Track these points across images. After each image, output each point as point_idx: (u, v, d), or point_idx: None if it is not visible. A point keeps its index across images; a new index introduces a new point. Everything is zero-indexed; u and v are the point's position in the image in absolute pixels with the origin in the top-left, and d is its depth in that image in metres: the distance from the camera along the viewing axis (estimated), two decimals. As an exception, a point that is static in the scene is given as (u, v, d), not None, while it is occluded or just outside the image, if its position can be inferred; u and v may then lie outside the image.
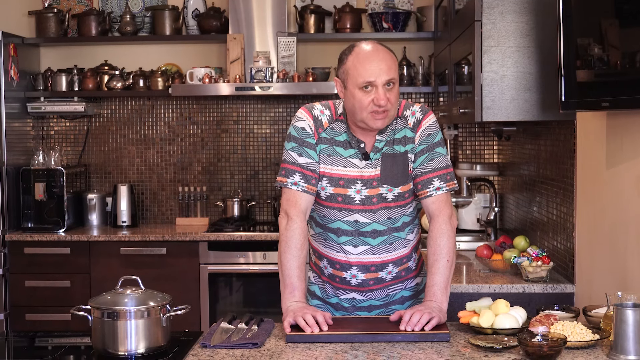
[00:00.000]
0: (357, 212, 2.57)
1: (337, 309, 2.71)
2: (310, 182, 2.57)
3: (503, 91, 3.22)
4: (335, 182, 2.57)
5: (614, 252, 2.71)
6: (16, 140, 5.11)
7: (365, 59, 2.46)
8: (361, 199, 2.56)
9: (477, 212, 4.68)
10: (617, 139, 2.66)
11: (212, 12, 5.24)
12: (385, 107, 2.45)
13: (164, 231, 4.99)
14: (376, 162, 2.56)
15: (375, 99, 2.44)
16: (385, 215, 2.58)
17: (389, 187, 2.55)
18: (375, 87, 2.45)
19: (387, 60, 2.47)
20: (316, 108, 2.61)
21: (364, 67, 2.45)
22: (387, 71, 2.45)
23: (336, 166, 2.57)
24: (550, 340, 2.17)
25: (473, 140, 5.23)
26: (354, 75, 2.46)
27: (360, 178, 2.56)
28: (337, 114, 2.61)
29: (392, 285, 2.67)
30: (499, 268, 3.45)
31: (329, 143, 2.58)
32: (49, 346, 2.65)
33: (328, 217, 2.61)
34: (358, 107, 2.47)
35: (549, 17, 3.13)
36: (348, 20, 5.16)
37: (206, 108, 5.46)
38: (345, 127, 2.58)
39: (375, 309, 2.69)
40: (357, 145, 2.56)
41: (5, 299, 4.86)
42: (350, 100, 2.49)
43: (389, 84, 2.46)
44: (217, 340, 2.34)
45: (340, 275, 2.65)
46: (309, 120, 2.59)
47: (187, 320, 4.13)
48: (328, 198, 2.58)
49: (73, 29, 5.41)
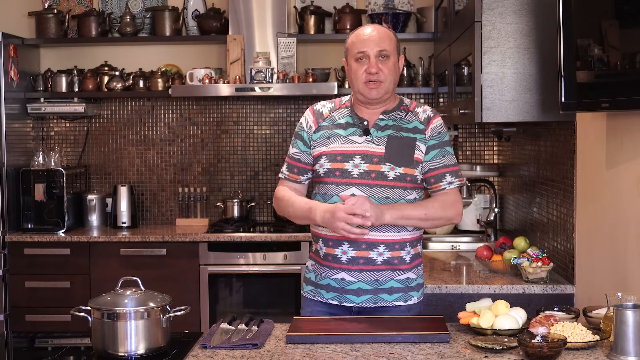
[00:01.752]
0: (353, 186, 2.69)
1: (328, 290, 2.74)
2: (292, 171, 2.85)
3: (503, 92, 3.22)
4: (333, 157, 2.73)
5: (614, 252, 2.71)
6: (16, 141, 5.11)
7: (361, 33, 2.74)
8: (359, 173, 2.69)
9: (477, 213, 4.68)
10: (617, 140, 2.66)
11: (212, 13, 5.24)
12: (378, 76, 2.68)
13: (164, 232, 4.99)
14: (379, 140, 2.72)
15: (367, 68, 2.69)
16: (383, 193, 2.69)
17: (391, 165, 2.69)
18: (368, 58, 2.69)
19: (380, 34, 2.72)
20: (320, 103, 2.87)
21: (359, 40, 2.72)
22: (378, 42, 2.69)
23: (334, 144, 2.74)
24: (550, 341, 2.17)
25: (473, 141, 5.23)
26: (351, 48, 2.74)
27: (359, 153, 2.71)
28: (340, 104, 2.84)
29: (383, 270, 2.71)
30: (499, 269, 3.45)
31: (328, 128, 2.78)
32: (49, 347, 2.65)
33: (328, 193, 2.74)
34: (354, 78, 2.73)
35: (549, 18, 3.14)
36: (348, 21, 5.16)
37: (206, 109, 5.46)
38: (349, 111, 2.80)
39: (364, 294, 2.71)
40: (359, 123, 2.75)
41: (5, 300, 4.86)
42: (349, 74, 2.76)
43: (382, 56, 2.70)
44: (217, 341, 2.34)
45: (332, 252, 2.72)
46: (308, 114, 2.84)
47: (187, 321, 4.13)
48: (326, 173, 2.73)
49: (73, 29, 5.41)
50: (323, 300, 2.77)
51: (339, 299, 2.73)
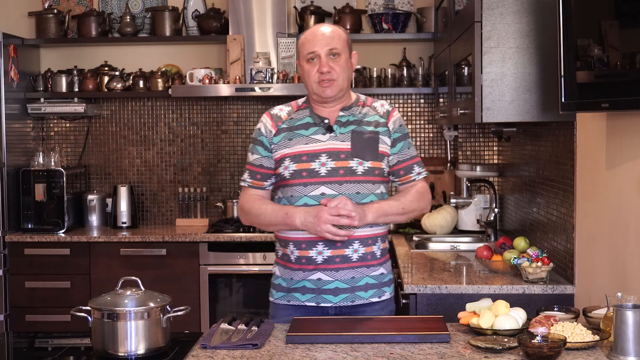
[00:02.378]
0: (323, 185, 2.69)
1: (304, 293, 2.73)
2: (255, 177, 2.81)
3: (503, 92, 3.22)
4: (298, 158, 2.71)
5: (614, 253, 2.71)
6: (16, 141, 5.11)
7: (310, 34, 2.74)
8: (327, 171, 2.69)
9: (477, 213, 4.68)
10: (617, 140, 2.66)
11: (212, 13, 5.24)
12: (330, 75, 2.68)
13: (164, 232, 4.99)
14: (343, 136, 2.72)
15: (319, 67, 2.69)
16: (353, 189, 2.69)
17: (359, 160, 2.70)
18: (318, 57, 2.70)
19: (330, 33, 2.72)
20: (276, 108, 2.84)
21: (308, 40, 2.73)
22: (328, 41, 2.69)
23: (298, 145, 2.73)
24: (550, 341, 2.17)
25: (473, 141, 5.23)
26: (301, 50, 2.74)
27: (325, 151, 2.71)
28: (298, 106, 2.83)
29: (358, 267, 2.72)
30: (499, 269, 3.45)
31: (288, 130, 2.76)
32: (49, 347, 2.65)
33: (295, 195, 2.71)
34: (307, 78, 2.73)
35: (549, 18, 3.14)
36: (348, 21, 5.16)
37: (206, 109, 5.46)
38: (308, 112, 2.79)
39: (342, 293, 2.71)
40: (320, 121, 2.75)
41: (5, 300, 4.86)
42: (303, 76, 2.76)
43: (333, 54, 2.70)
44: (217, 341, 2.34)
45: (306, 255, 2.70)
46: (266, 119, 2.81)
47: (187, 321, 4.13)
48: (292, 175, 2.71)
49: (73, 29, 5.41)
50: (298, 304, 2.74)
51: (316, 300, 2.72)
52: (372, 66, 5.25)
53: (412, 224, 4.91)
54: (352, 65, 2.78)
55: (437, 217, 4.69)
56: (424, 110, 5.39)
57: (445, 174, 5.18)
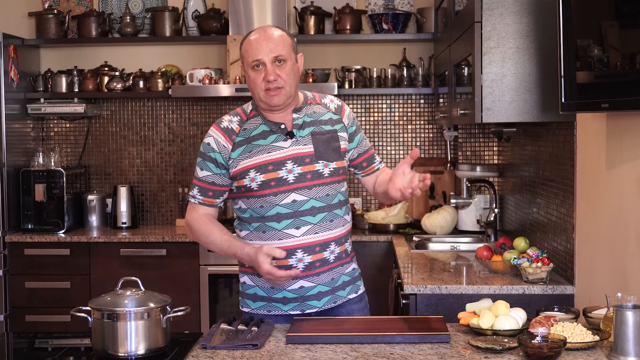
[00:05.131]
0: (293, 192, 2.63)
1: (285, 303, 2.69)
2: (206, 195, 2.74)
3: (503, 92, 3.22)
4: (264, 168, 2.63)
5: (614, 253, 2.71)
6: (16, 141, 5.11)
7: (253, 40, 2.62)
8: (295, 177, 2.63)
9: (477, 214, 4.68)
10: (617, 140, 2.66)
11: (212, 14, 5.24)
12: (277, 83, 2.59)
13: (164, 232, 4.99)
14: (304, 140, 2.67)
15: (265, 75, 2.59)
16: (323, 191, 2.67)
17: (325, 162, 2.67)
18: (264, 65, 2.59)
19: (274, 39, 2.61)
20: (224, 120, 2.71)
21: (252, 47, 2.61)
22: (273, 48, 2.59)
23: (260, 155, 2.64)
24: (550, 341, 2.17)
25: (473, 141, 5.23)
26: (246, 57, 2.63)
27: (290, 157, 2.64)
28: (247, 113, 2.71)
29: (335, 267, 2.72)
30: (499, 269, 3.45)
31: (246, 142, 2.66)
32: (49, 347, 2.65)
33: (266, 205, 2.65)
34: (253, 86, 2.63)
35: (549, 19, 3.14)
36: (348, 22, 5.16)
37: (206, 109, 5.46)
38: (261, 120, 2.68)
39: (324, 296, 2.70)
40: (277, 128, 2.66)
41: (5, 300, 4.86)
42: (249, 83, 2.66)
43: (279, 61, 2.60)
44: (217, 342, 2.34)
45: (285, 264, 2.63)
46: (216, 134, 2.69)
47: (187, 322, 4.13)
48: (261, 186, 2.63)
49: (73, 30, 5.41)
50: (281, 313, 2.70)
51: (300, 308, 2.68)
52: (372, 66, 5.25)
53: (412, 224, 4.91)
54: (299, 68, 2.68)
55: (437, 218, 4.69)
56: (424, 110, 5.39)
57: (445, 174, 5.18)
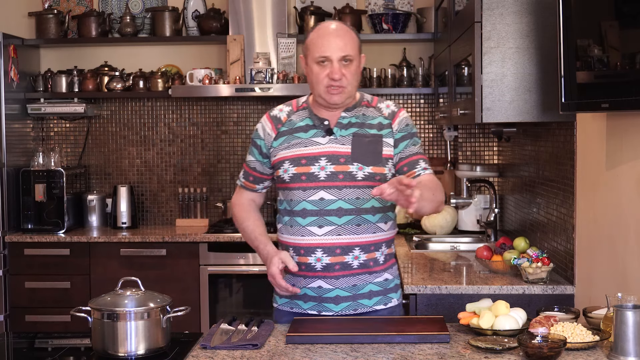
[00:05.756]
0: (322, 189, 2.60)
1: (306, 301, 2.68)
2: (247, 179, 2.79)
3: (503, 92, 3.22)
4: (297, 162, 2.63)
5: (614, 253, 2.71)
6: (16, 141, 5.11)
7: (323, 35, 2.59)
8: (326, 175, 2.60)
9: (477, 214, 4.68)
10: (617, 140, 2.66)
11: (212, 14, 5.24)
12: (340, 82, 2.56)
13: (163, 232, 4.99)
14: (344, 139, 2.62)
15: (330, 72, 2.56)
16: (353, 194, 2.60)
17: (359, 165, 2.60)
18: (330, 62, 2.56)
19: (344, 37, 2.58)
20: (276, 108, 2.76)
21: (321, 42, 2.57)
22: (342, 47, 2.56)
23: (297, 148, 2.64)
24: (550, 341, 2.17)
25: (473, 141, 5.23)
26: (312, 49, 2.59)
27: (325, 154, 2.61)
28: (298, 105, 2.73)
29: (359, 274, 2.63)
30: (499, 269, 3.45)
31: (288, 133, 2.67)
32: (49, 347, 2.65)
33: (294, 199, 2.65)
34: (315, 81, 2.60)
35: (549, 19, 3.14)
36: (348, 21, 5.15)
37: (206, 109, 5.46)
38: (307, 113, 2.69)
39: (343, 301, 2.64)
40: (320, 123, 2.65)
41: (5, 300, 4.86)
42: (310, 75, 2.62)
43: (345, 60, 2.57)
44: (217, 342, 2.34)
45: (305, 261, 2.63)
46: (265, 121, 2.73)
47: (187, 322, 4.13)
48: (292, 179, 2.63)
49: (73, 30, 5.41)
50: (301, 311, 2.69)
51: (317, 308, 2.66)
52: (372, 66, 5.25)
53: (412, 224, 4.91)
54: (361, 67, 2.66)
55: (437, 217, 4.69)
56: (424, 110, 5.39)
57: (445, 174, 5.18)
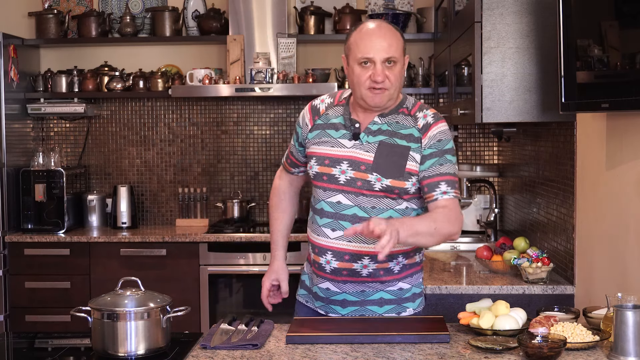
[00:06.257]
0: (340, 193, 2.55)
1: (317, 299, 2.70)
2: (287, 160, 2.83)
3: (503, 92, 3.22)
4: (322, 161, 2.59)
5: (614, 253, 2.71)
6: (16, 141, 5.11)
7: (366, 35, 2.49)
8: (345, 180, 2.54)
9: (477, 214, 4.68)
10: (617, 140, 2.66)
11: (212, 14, 5.24)
12: (383, 84, 2.47)
13: (163, 232, 4.99)
14: (369, 146, 2.54)
15: (372, 74, 2.47)
16: (369, 203, 2.53)
17: (378, 176, 2.50)
18: (373, 64, 2.47)
19: (388, 39, 2.48)
20: (319, 98, 2.71)
21: (364, 43, 2.48)
22: (386, 49, 2.46)
23: (325, 146, 2.60)
24: (550, 341, 2.17)
25: (473, 141, 5.23)
26: (355, 50, 2.50)
27: (347, 158, 2.55)
28: (339, 99, 2.66)
29: (369, 282, 2.59)
30: (499, 269, 3.45)
31: (322, 128, 2.63)
32: (49, 347, 2.65)
33: (316, 197, 2.65)
34: (357, 82, 2.50)
35: (549, 19, 3.14)
36: (348, 21, 5.16)
37: (206, 109, 5.46)
38: (342, 110, 2.62)
39: (350, 305, 2.62)
40: (350, 125, 2.57)
41: (5, 300, 4.86)
42: (351, 76, 2.53)
43: (389, 62, 2.48)
44: (217, 342, 2.34)
45: (317, 260, 2.64)
46: (306, 110, 2.71)
47: (187, 322, 4.13)
48: (315, 177, 2.62)
49: (73, 30, 5.41)
50: (313, 308, 2.72)
51: (325, 309, 2.67)
52: (372, 66, 5.24)
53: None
54: (405, 68, 2.56)
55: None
56: (424, 110, 5.38)
57: (445, 174, 5.17)
